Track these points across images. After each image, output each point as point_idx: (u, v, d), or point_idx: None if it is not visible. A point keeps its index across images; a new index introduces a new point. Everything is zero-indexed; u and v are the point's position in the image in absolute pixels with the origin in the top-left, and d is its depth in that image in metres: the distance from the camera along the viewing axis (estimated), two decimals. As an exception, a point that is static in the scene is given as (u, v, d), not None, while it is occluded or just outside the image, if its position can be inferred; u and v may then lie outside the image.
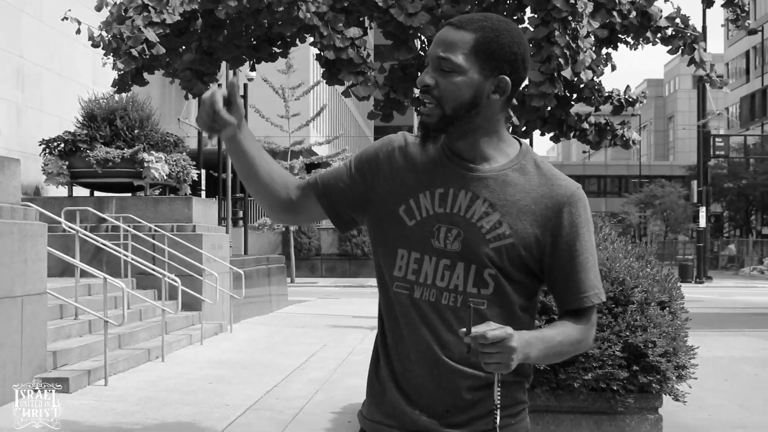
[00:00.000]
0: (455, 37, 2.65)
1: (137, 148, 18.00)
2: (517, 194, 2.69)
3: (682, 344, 6.62)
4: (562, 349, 2.72)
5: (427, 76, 2.67)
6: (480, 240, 2.66)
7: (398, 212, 2.73)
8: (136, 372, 12.01)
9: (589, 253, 2.75)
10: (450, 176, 2.72)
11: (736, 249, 68.39)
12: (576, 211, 2.72)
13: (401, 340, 2.73)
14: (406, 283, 2.71)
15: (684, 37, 8.99)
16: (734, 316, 24.20)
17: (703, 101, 47.51)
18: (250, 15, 8.35)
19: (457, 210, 2.69)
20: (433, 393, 2.69)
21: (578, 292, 2.74)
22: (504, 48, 2.65)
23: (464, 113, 2.66)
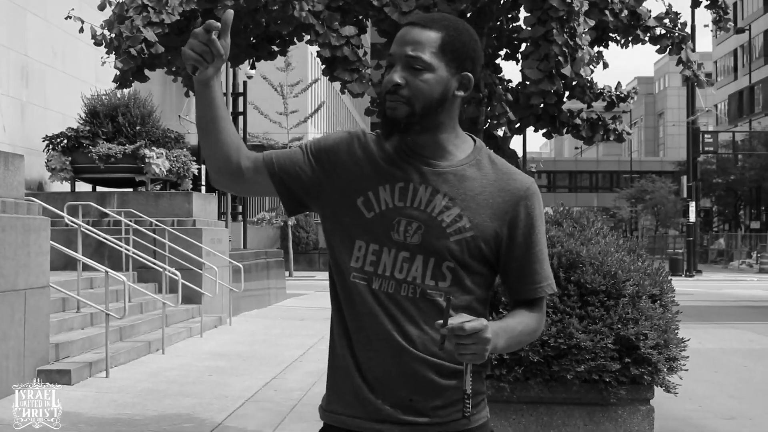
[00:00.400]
0: (422, 37, 2.71)
1: (139, 144, 18.14)
2: (476, 189, 2.75)
3: (673, 336, 6.71)
4: (521, 339, 2.79)
5: (396, 75, 2.70)
6: (441, 233, 2.72)
7: (356, 203, 2.76)
8: (136, 364, 12.13)
9: (542, 245, 2.83)
10: (410, 171, 2.76)
11: (725, 243, 68.48)
12: (531, 205, 2.80)
13: (361, 329, 2.75)
14: (364, 274, 2.75)
15: (672, 37, 9.10)
16: (724, 309, 24.31)
17: (692, 98, 47.64)
18: (247, 14, 8.46)
19: (418, 204, 2.73)
20: (395, 382, 2.72)
21: (533, 282, 2.82)
22: (466, 45, 2.74)
23: (432, 110, 2.71)
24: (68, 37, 20.61)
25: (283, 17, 8.39)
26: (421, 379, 2.72)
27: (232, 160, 2.80)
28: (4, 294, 9.66)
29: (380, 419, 2.75)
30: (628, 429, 6.70)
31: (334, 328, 2.86)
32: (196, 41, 2.64)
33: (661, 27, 9.17)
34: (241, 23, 8.69)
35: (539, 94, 8.58)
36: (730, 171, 72.32)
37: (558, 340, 6.26)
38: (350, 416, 2.78)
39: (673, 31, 9.23)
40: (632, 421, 6.73)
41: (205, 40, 2.64)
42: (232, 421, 8.87)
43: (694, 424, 9.23)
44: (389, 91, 2.71)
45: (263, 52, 9.36)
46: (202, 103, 2.75)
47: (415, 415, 2.74)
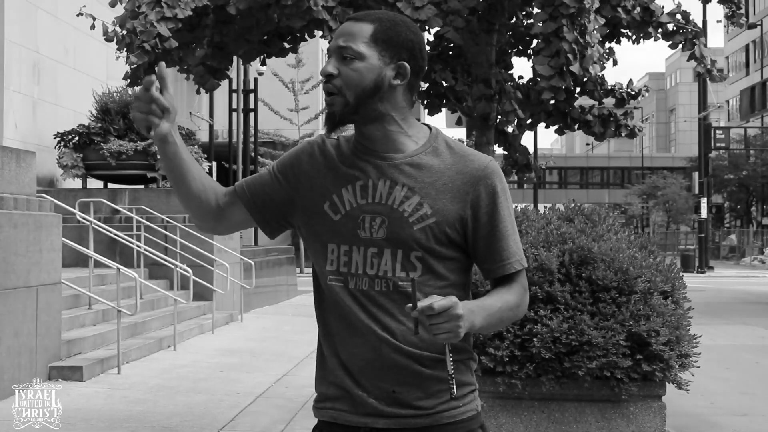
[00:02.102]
0: (354, 29, 2.76)
1: (150, 141, 18.14)
2: (434, 175, 2.78)
3: (684, 333, 6.70)
4: (502, 315, 2.78)
5: (329, 66, 2.75)
6: (404, 224, 2.74)
7: (323, 208, 2.81)
8: (148, 360, 12.15)
9: (508, 221, 2.82)
10: (367, 168, 2.80)
11: (737, 239, 68.37)
12: (492, 183, 2.80)
13: (342, 329, 2.80)
14: (339, 275, 2.79)
15: (685, 33, 9.09)
16: (735, 306, 24.27)
17: (704, 94, 47.55)
18: (260, 10, 8.47)
19: (379, 199, 2.77)
20: (378, 374, 2.75)
21: (501, 260, 2.81)
22: (401, 35, 2.77)
23: (367, 98, 2.74)
24: (79, 34, 20.66)
25: (296, 12, 8.40)
26: (403, 370, 2.75)
27: (211, 204, 2.90)
28: (16, 291, 9.68)
29: (366, 412, 2.78)
30: (639, 425, 6.69)
31: (319, 330, 2.91)
32: (140, 102, 2.70)
33: (674, 23, 9.16)
34: (252, 19, 8.70)
35: (550, 90, 8.57)
36: (742, 167, 72.17)
37: (569, 336, 6.26)
38: (339, 410, 2.81)
39: (685, 27, 9.21)
40: (644, 418, 6.73)
41: (147, 99, 2.69)
42: (244, 418, 8.89)
43: (706, 421, 9.22)
44: (324, 82, 2.77)
45: (274, 48, 9.37)
46: (167, 158, 2.81)
47: (399, 407, 2.76)
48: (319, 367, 2.91)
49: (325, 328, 2.87)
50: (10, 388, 7.96)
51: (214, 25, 8.80)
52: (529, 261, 6.05)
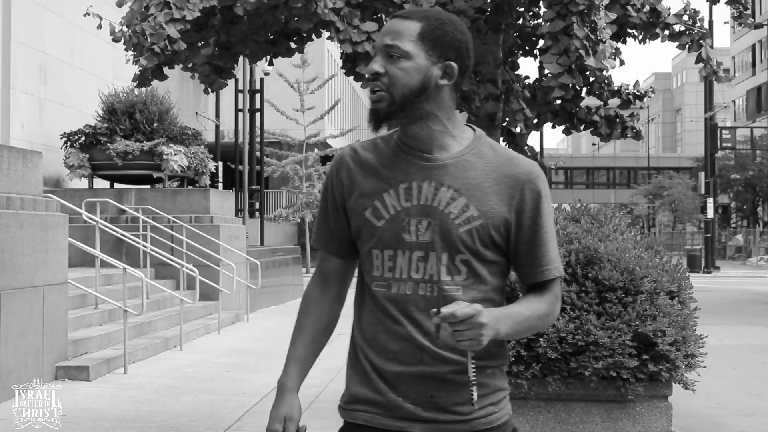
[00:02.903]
0: (401, 27, 2.73)
1: (157, 141, 18.20)
2: (479, 177, 2.75)
3: (691, 333, 6.70)
4: (530, 324, 2.76)
5: (375, 64, 2.73)
6: (451, 226, 2.72)
7: (365, 216, 2.79)
8: (154, 360, 12.17)
9: (549, 227, 2.81)
10: (410, 170, 2.77)
11: (743, 239, 68.32)
12: (536, 187, 2.78)
13: (378, 334, 2.80)
14: (384, 281, 2.78)
15: (691, 34, 9.09)
16: (742, 306, 24.25)
17: (710, 94, 47.50)
18: (268, 11, 8.47)
19: (424, 201, 2.74)
20: (416, 380, 2.74)
21: (541, 265, 2.80)
22: (448, 35, 2.74)
23: (414, 98, 2.71)
24: (86, 35, 20.69)
25: (304, 14, 8.40)
26: (441, 376, 2.73)
27: (338, 311, 3.08)
28: (22, 290, 9.70)
29: (401, 417, 2.77)
30: (646, 425, 6.70)
31: (356, 332, 2.91)
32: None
33: (681, 24, 9.16)
34: (260, 20, 8.70)
35: (560, 89, 8.57)
36: (748, 167, 72.13)
37: (576, 336, 6.26)
38: (372, 414, 2.81)
39: (692, 28, 9.20)
40: (650, 418, 6.73)
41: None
42: (250, 418, 8.90)
43: (713, 421, 9.21)
44: (370, 80, 2.75)
45: (281, 48, 9.37)
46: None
47: (437, 412, 2.75)
48: (351, 369, 2.91)
49: (362, 332, 2.87)
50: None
51: (221, 26, 8.81)
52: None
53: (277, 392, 2.95)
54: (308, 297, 3.00)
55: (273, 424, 2.89)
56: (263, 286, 19.56)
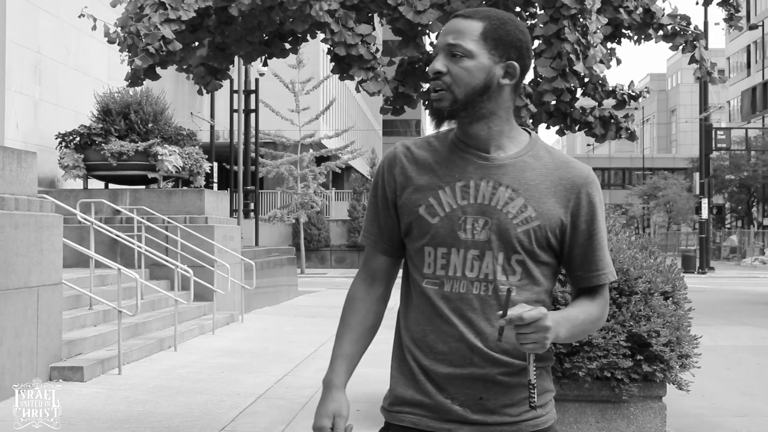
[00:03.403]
0: (463, 26, 2.73)
1: (151, 142, 18.20)
2: (537, 178, 2.76)
3: (685, 334, 6.72)
4: (585, 328, 2.79)
5: (438, 63, 2.73)
6: (509, 226, 2.72)
7: (419, 213, 2.78)
8: (149, 361, 12.16)
9: (603, 232, 2.83)
10: (468, 168, 2.77)
11: (737, 240, 68.44)
12: (592, 192, 2.80)
13: (427, 334, 2.77)
14: (436, 278, 2.76)
15: (685, 35, 9.10)
16: (736, 306, 24.28)
17: (705, 95, 47.59)
18: (262, 12, 8.47)
19: (482, 200, 2.74)
20: (465, 381, 2.73)
21: (596, 269, 2.82)
22: (510, 34, 2.74)
23: (476, 97, 2.72)
24: (81, 35, 20.68)
25: (299, 16, 8.40)
26: (491, 378, 2.73)
27: (383, 308, 3.01)
28: (17, 291, 9.70)
29: (448, 419, 2.76)
30: (640, 426, 6.71)
31: (402, 332, 2.87)
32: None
33: (675, 25, 9.16)
34: (255, 21, 8.70)
35: (552, 92, 8.58)
36: (742, 167, 72.26)
37: (570, 337, 6.26)
38: (419, 416, 2.80)
39: (686, 29, 9.21)
40: (644, 418, 6.74)
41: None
42: (244, 418, 8.90)
43: (707, 422, 9.23)
44: (432, 79, 2.75)
45: (276, 49, 9.37)
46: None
47: (485, 414, 2.75)
48: (397, 371, 2.88)
49: (409, 332, 2.84)
50: (11, 388, 7.97)
51: (216, 26, 8.81)
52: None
53: (324, 389, 2.90)
54: (354, 295, 2.98)
55: (321, 420, 2.84)
56: (258, 286, 19.56)
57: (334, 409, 2.84)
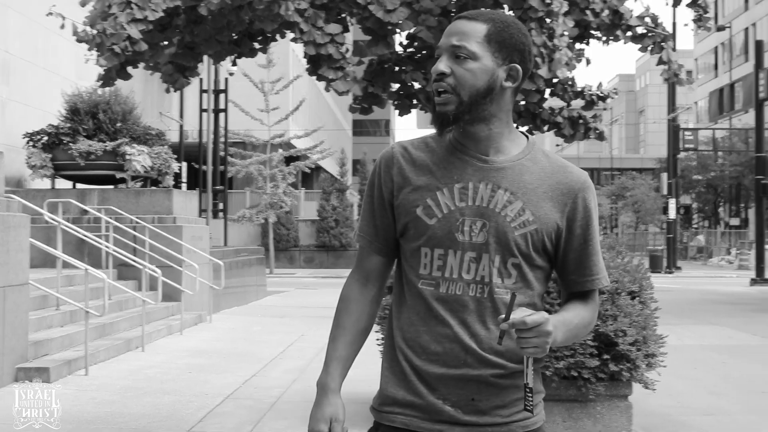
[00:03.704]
0: (467, 27, 2.74)
1: (120, 141, 18.11)
2: (535, 182, 2.77)
3: (651, 333, 6.76)
4: (578, 332, 2.80)
5: (441, 64, 2.73)
6: (507, 229, 2.73)
7: (416, 213, 2.78)
8: (116, 362, 12.10)
9: (597, 238, 2.85)
10: (467, 170, 2.77)
11: (704, 240, 68.92)
12: (589, 197, 2.82)
13: (421, 335, 2.77)
14: (432, 279, 2.76)
15: (653, 37, 9.16)
16: (703, 306, 24.43)
17: (673, 96, 47.91)
18: (231, 11, 8.46)
19: (480, 202, 2.74)
20: (458, 382, 2.73)
21: (590, 274, 2.84)
22: (514, 37, 2.75)
23: (480, 99, 2.72)
24: (49, 34, 20.57)
25: (268, 15, 8.39)
26: (485, 379, 2.74)
27: (378, 306, 3.00)
28: (-17, 291, 9.63)
29: (440, 419, 2.77)
30: (606, 425, 6.74)
31: (395, 333, 2.87)
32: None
33: (643, 26, 9.22)
34: (224, 20, 8.69)
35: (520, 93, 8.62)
36: (710, 168, 72.74)
37: (537, 336, 6.29)
38: (410, 416, 2.80)
39: (654, 31, 9.27)
40: (611, 417, 6.77)
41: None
42: (212, 419, 8.87)
43: (673, 421, 9.28)
44: (435, 80, 2.75)
45: (245, 48, 9.36)
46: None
47: (477, 415, 2.76)
48: (389, 371, 2.87)
49: (402, 332, 2.83)
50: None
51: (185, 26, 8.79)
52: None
53: (319, 393, 2.89)
54: (348, 296, 2.95)
55: (318, 424, 2.83)
56: (226, 286, 19.51)
57: (330, 412, 2.83)
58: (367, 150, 57.20)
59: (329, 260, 45.14)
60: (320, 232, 45.63)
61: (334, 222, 45.53)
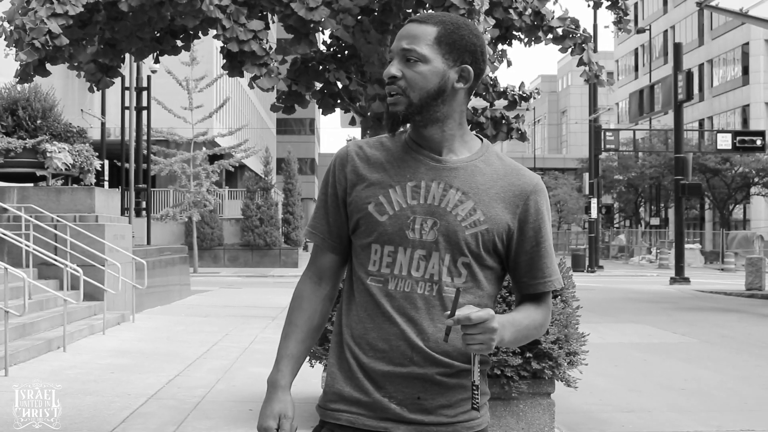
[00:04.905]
0: (417, 31, 2.75)
1: (40, 139, 17.86)
2: (487, 183, 2.78)
3: (573, 331, 6.83)
4: (528, 333, 2.80)
5: (393, 68, 2.74)
6: (457, 228, 2.74)
7: (368, 210, 2.79)
8: (37, 362, 11.94)
9: (550, 240, 2.86)
10: (420, 169, 2.79)
11: (626, 239, 69.89)
12: (541, 200, 2.83)
13: (369, 332, 2.77)
14: (380, 276, 2.77)
15: (574, 38, 9.26)
16: (624, 304, 24.76)
17: (594, 97, 48.55)
18: (152, 7, 8.39)
19: (431, 201, 2.76)
20: (404, 380, 2.74)
21: (542, 276, 2.84)
22: (464, 39, 2.76)
23: (431, 101, 2.74)
24: (-33, 29, 20.20)
25: (189, 11, 8.33)
26: (431, 377, 2.74)
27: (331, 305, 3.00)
28: None
29: (386, 417, 2.77)
30: (529, 422, 6.79)
31: (343, 330, 2.87)
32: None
33: (564, 27, 9.31)
34: (145, 17, 8.61)
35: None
36: (630, 168, 73.71)
37: (461, 335, 6.33)
38: (356, 414, 2.80)
39: (575, 32, 9.37)
40: (533, 415, 6.83)
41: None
42: (135, 419, 8.79)
43: (595, 418, 9.39)
44: (387, 83, 2.76)
45: (167, 46, 9.29)
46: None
47: (422, 414, 2.76)
48: (335, 367, 2.87)
49: (350, 329, 2.83)
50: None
51: (106, 22, 8.69)
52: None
53: (269, 389, 2.87)
54: (301, 294, 2.94)
55: (267, 420, 2.82)
56: (149, 286, 19.34)
57: (280, 409, 2.83)
58: (291, 148, 56.97)
59: (254, 259, 44.98)
60: (245, 231, 45.44)
61: (258, 221, 45.38)
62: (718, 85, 79.82)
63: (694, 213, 77.55)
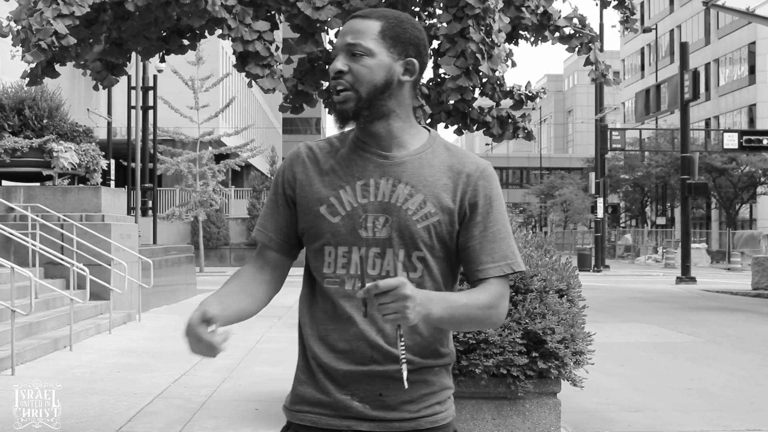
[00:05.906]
0: (362, 25, 2.77)
1: (46, 138, 17.89)
2: (435, 174, 2.78)
3: (579, 331, 6.83)
4: (469, 312, 2.70)
5: (338, 63, 2.75)
6: (409, 222, 2.74)
7: (320, 212, 2.79)
8: (43, 361, 11.96)
9: (501, 224, 2.81)
10: (368, 167, 2.79)
11: (632, 238, 69.86)
12: (489, 185, 2.81)
13: (329, 333, 2.78)
14: (336, 278, 2.77)
15: (581, 37, 9.25)
16: (630, 303, 24.74)
17: (601, 96, 48.48)
18: (159, 7, 8.39)
19: (381, 197, 2.76)
20: (365, 378, 2.74)
21: (491, 261, 2.79)
22: (408, 32, 2.78)
23: (378, 95, 2.75)
24: (-27, 29, 20.23)
25: (195, 11, 8.33)
26: (392, 374, 2.73)
27: (272, 294, 2.96)
28: None
29: (348, 416, 2.77)
30: (535, 422, 6.79)
31: (305, 332, 2.86)
32: (192, 341, 2.72)
33: (571, 27, 9.30)
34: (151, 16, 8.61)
35: (457, 91, 8.64)
36: (636, 168, 73.66)
37: (467, 334, 6.34)
38: (319, 414, 2.80)
39: (582, 32, 9.36)
40: (539, 415, 6.82)
41: (196, 339, 2.71)
42: (141, 418, 8.80)
43: (600, 417, 9.39)
44: (333, 78, 2.76)
45: (174, 45, 9.29)
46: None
47: (385, 411, 2.76)
48: (299, 369, 2.88)
49: (311, 331, 2.83)
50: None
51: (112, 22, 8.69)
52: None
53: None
54: (240, 272, 2.93)
55: (192, 321, 2.70)
56: (155, 285, 19.36)
57: (200, 312, 2.70)
58: (297, 148, 56.95)
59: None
60: (251, 230, 45.45)
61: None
62: (725, 84, 79.74)
63: (701, 212, 77.45)
